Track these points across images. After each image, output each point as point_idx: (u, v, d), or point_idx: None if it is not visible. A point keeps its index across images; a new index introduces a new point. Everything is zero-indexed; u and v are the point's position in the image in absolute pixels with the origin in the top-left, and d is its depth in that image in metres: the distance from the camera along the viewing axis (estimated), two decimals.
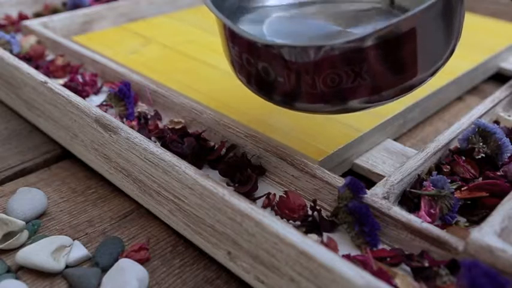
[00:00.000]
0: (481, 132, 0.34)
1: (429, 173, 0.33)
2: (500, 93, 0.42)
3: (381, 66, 0.26)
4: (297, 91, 0.27)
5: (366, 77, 0.26)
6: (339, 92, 0.27)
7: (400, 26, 0.25)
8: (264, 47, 0.27)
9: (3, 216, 0.30)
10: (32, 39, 0.50)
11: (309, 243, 0.23)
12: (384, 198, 0.29)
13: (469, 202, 0.31)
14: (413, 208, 0.30)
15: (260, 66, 0.28)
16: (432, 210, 0.30)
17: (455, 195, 0.30)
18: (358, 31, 0.34)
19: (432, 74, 0.28)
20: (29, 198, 0.32)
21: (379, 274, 0.24)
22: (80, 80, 0.43)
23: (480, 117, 0.38)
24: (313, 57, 0.26)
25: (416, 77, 0.27)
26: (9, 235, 0.29)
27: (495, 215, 0.26)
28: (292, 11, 0.37)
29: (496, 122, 0.39)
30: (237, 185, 0.32)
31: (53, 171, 0.37)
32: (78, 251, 0.29)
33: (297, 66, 0.26)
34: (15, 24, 0.55)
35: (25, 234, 0.30)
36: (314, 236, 0.28)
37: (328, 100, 0.27)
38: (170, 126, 0.37)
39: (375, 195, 0.29)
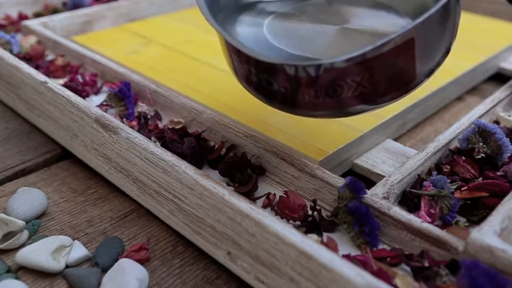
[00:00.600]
0: (481, 132, 0.34)
1: (429, 173, 0.33)
2: (500, 93, 0.42)
3: (381, 74, 0.26)
4: (299, 100, 0.28)
5: (366, 85, 0.26)
6: (340, 100, 0.27)
7: (400, 39, 0.25)
8: (265, 63, 0.27)
9: (3, 216, 0.30)
10: (32, 39, 0.50)
11: (309, 243, 0.23)
12: (384, 198, 0.29)
13: (469, 202, 0.31)
14: (413, 208, 0.30)
15: (262, 77, 0.28)
16: (432, 210, 0.30)
17: (455, 195, 0.30)
18: (355, 26, 0.34)
19: (429, 75, 0.29)
20: (29, 198, 0.32)
21: (379, 274, 0.24)
22: (80, 80, 0.43)
23: (480, 117, 0.38)
24: (314, 74, 0.26)
25: (416, 79, 0.28)
26: (9, 235, 0.29)
27: (495, 215, 0.26)
28: (288, 6, 0.37)
29: (496, 122, 0.39)
30: (237, 185, 0.32)
31: (53, 171, 0.37)
32: (78, 251, 0.29)
33: (299, 80, 0.27)
34: (15, 24, 0.55)
35: (25, 234, 0.30)
36: (314, 236, 0.28)
37: (330, 107, 0.28)
38: (170, 126, 0.37)
39: (375, 195, 0.29)
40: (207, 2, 0.31)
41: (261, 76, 0.28)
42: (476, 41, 0.53)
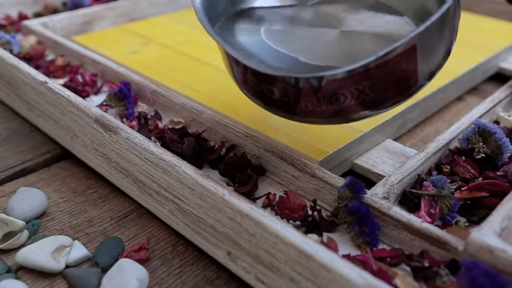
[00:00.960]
0: (481, 132, 0.34)
1: (429, 173, 0.33)
2: (500, 93, 0.42)
3: (383, 81, 0.26)
4: (302, 109, 0.28)
5: (369, 93, 0.26)
6: (343, 107, 0.27)
7: (403, 47, 0.25)
8: (268, 75, 0.27)
9: (3, 216, 0.30)
10: (32, 39, 0.50)
11: (309, 243, 0.23)
12: (384, 198, 0.29)
13: (469, 202, 0.31)
14: (413, 208, 0.30)
15: (264, 87, 0.28)
16: (432, 210, 0.30)
17: (455, 195, 0.30)
18: (355, 27, 0.34)
19: (431, 78, 0.29)
20: (29, 198, 0.32)
21: (379, 274, 0.24)
22: (80, 80, 0.43)
23: (480, 117, 0.38)
24: (316, 85, 0.26)
25: (417, 84, 0.28)
26: (9, 235, 0.29)
27: (495, 215, 0.26)
28: (285, 10, 0.37)
29: (496, 122, 0.39)
30: (237, 185, 0.32)
31: (53, 171, 0.37)
32: (78, 251, 0.29)
33: (301, 91, 0.27)
34: (15, 24, 0.55)
35: (25, 234, 0.30)
36: (314, 236, 0.28)
37: (332, 115, 0.28)
38: (170, 126, 0.37)
39: (375, 195, 0.29)
40: (205, 9, 0.31)
41: (262, 86, 0.28)
42: (476, 41, 0.53)
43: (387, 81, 0.26)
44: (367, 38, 0.33)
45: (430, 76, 0.28)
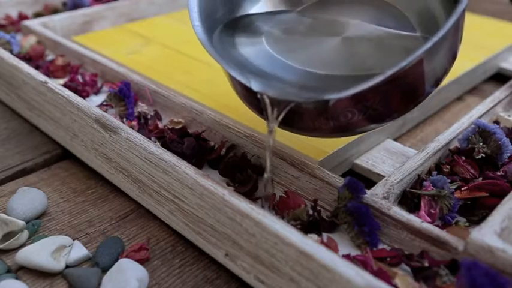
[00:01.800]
0: (481, 132, 0.34)
1: (429, 173, 0.33)
2: (500, 93, 0.42)
3: (391, 96, 0.26)
4: (309, 126, 0.28)
5: (377, 107, 0.27)
6: (350, 123, 0.27)
7: (409, 64, 0.25)
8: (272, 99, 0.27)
9: (3, 216, 0.30)
10: (32, 39, 0.50)
11: (309, 243, 0.23)
12: (384, 198, 0.29)
13: (469, 202, 0.31)
14: (413, 208, 0.30)
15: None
16: (432, 210, 0.30)
17: (455, 195, 0.30)
18: (359, 32, 0.34)
19: (438, 85, 0.28)
20: (29, 198, 0.32)
21: (379, 274, 0.24)
22: (80, 80, 0.43)
23: (480, 117, 0.38)
24: (323, 107, 0.26)
25: (424, 93, 0.28)
26: (9, 235, 0.29)
27: (495, 215, 0.26)
28: (283, 17, 0.37)
29: (496, 122, 0.39)
30: (237, 185, 0.32)
31: (53, 171, 0.37)
32: (78, 251, 0.29)
33: (307, 111, 0.27)
34: (15, 24, 0.55)
35: (25, 234, 0.30)
36: (314, 236, 0.28)
37: (340, 130, 0.28)
38: (170, 126, 0.37)
39: (375, 195, 0.29)
40: (204, 23, 0.31)
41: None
42: (477, 41, 0.53)
43: (394, 94, 0.26)
44: (370, 43, 0.33)
45: (437, 82, 0.28)
